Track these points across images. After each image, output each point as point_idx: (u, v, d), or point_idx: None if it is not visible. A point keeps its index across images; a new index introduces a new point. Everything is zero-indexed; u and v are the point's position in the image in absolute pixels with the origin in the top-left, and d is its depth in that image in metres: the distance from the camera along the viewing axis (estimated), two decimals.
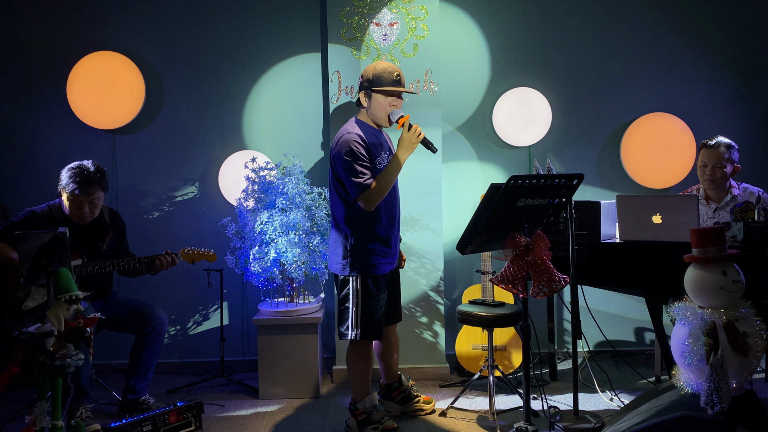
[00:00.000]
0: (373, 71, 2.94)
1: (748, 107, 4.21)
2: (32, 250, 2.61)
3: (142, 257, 3.32)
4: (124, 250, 3.52)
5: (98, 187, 3.24)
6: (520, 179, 2.45)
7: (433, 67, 3.85)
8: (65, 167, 3.23)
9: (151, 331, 3.33)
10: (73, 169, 3.19)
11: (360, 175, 2.84)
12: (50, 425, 2.30)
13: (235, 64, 4.11)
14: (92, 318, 2.41)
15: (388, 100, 2.95)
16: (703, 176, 3.45)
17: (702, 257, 2.27)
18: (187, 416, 2.96)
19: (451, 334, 4.00)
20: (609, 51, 4.19)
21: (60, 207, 3.28)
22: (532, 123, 4.05)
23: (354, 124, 2.99)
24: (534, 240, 2.61)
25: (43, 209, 3.27)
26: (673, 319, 2.36)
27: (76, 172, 3.17)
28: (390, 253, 3.03)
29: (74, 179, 3.16)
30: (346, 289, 2.98)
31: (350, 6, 3.85)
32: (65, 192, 3.20)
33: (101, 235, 3.37)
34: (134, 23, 4.10)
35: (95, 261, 3.26)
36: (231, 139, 4.13)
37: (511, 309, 3.28)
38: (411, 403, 3.30)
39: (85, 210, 3.23)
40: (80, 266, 3.20)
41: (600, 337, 4.06)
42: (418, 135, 2.86)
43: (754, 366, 2.23)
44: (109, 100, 3.98)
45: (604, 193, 4.18)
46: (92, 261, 3.25)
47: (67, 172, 3.20)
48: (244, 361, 4.12)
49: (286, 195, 3.59)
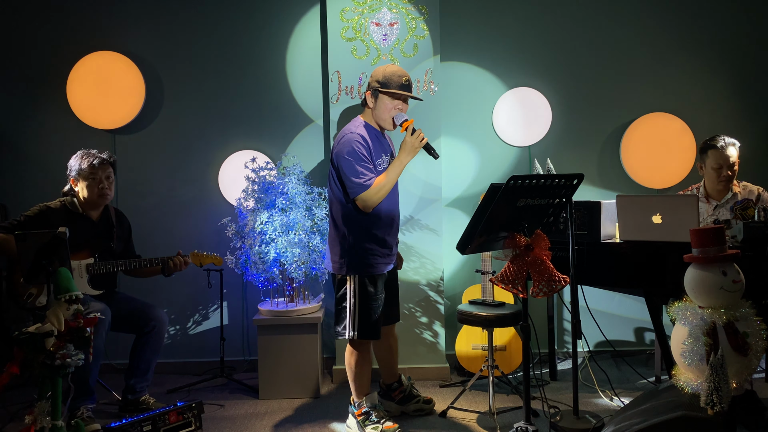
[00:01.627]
0: (383, 73, 2.95)
1: (748, 107, 4.21)
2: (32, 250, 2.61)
3: (153, 258, 3.33)
4: (130, 251, 3.53)
5: (110, 165, 3.34)
6: (520, 179, 2.45)
7: (433, 67, 3.85)
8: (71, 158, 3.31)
9: (152, 330, 3.34)
10: (82, 153, 3.31)
11: (360, 175, 2.84)
12: (50, 425, 2.30)
13: (234, 63, 4.11)
14: (92, 318, 2.41)
15: (394, 103, 2.95)
16: (718, 178, 3.41)
17: (702, 257, 2.27)
18: (187, 416, 2.96)
19: (451, 334, 4.00)
20: (609, 51, 4.19)
21: (73, 202, 3.30)
22: (532, 123, 4.05)
23: (358, 124, 2.99)
24: (534, 240, 2.61)
25: (56, 204, 3.29)
26: (673, 319, 2.36)
27: (85, 154, 3.30)
28: (388, 254, 3.03)
29: (86, 157, 3.28)
30: (344, 289, 2.98)
31: (350, 6, 3.85)
32: (80, 175, 3.27)
33: (110, 233, 3.39)
34: (134, 23, 4.10)
35: (107, 260, 3.28)
36: (231, 139, 4.13)
37: (511, 309, 3.28)
38: (411, 403, 3.30)
39: (104, 186, 3.29)
40: (92, 265, 3.22)
41: (600, 337, 4.06)
42: (421, 140, 2.87)
43: (754, 366, 2.22)
44: (109, 100, 3.98)
45: (604, 193, 4.18)
46: (104, 260, 3.27)
47: (76, 156, 3.31)
48: (244, 361, 4.12)
49: (286, 195, 3.59)
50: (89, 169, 3.25)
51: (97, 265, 3.24)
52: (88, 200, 3.29)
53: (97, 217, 3.37)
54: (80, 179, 3.27)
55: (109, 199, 3.35)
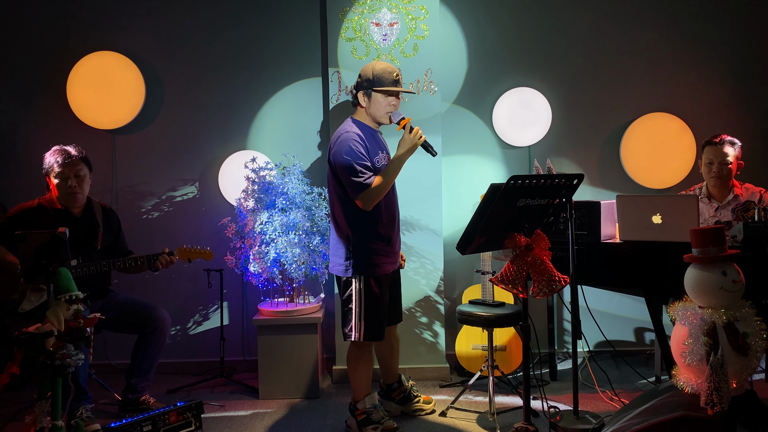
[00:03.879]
0: (372, 71, 2.94)
1: (748, 107, 4.21)
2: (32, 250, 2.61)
3: (138, 256, 3.32)
4: (121, 247, 3.51)
5: (81, 162, 3.30)
6: (520, 179, 2.45)
7: (433, 67, 3.85)
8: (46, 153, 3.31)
9: (154, 330, 3.33)
10: (55, 149, 3.30)
11: (360, 174, 2.83)
12: (50, 425, 2.30)
13: (234, 63, 4.11)
14: (92, 318, 2.41)
15: (387, 100, 2.96)
16: (709, 174, 3.44)
17: (702, 257, 2.27)
18: (187, 416, 2.96)
19: (451, 334, 4.00)
20: (609, 51, 4.18)
21: (51, 199, 3.28)
22: (532, 123, 4.05)
23: (351, 124, 2.99)
24: (534, 240, 2.61)
25: (32, 203, 3.27)
26: (673, 319, 2.36)
27: (57, 150, 3.29)
28: (392, 252, 3.03)
29: (56, 154, 3.27)
30: (349, 290, 2.97)
31: (350, 6, 3.85)
32: (51, 172, 3.25)
33: (93, 233, 3.36)
34: (134, 23, 4.10)
35: (91, 261, 3.25)
36: (231, 139, 4.13)
37: (511, 309, 3.28)
38: (411, 403, 3.30)
39: (73, 183, 3.25)
40: (76, 267, 3.18)
41: (600, 337, 4.06)
42: (419, 137, 2.87)
43: (754, 366, 2.22)
44: (109, 100, 3.98)
45: (604, 193, 4.18)
46: (88, 261, 3.24)
47: (49, 153, 3.30)
48: (244, 361, 4.12)
49: (286, 195, 3.59)
50: (57, 167, 3.22)
51: (80, 266, 3.19)
52: (59, 198, 3.28)
53: (78, 214, 3.33)
54: (51, 176, 3.26)
55: (80, 199, 3.30)
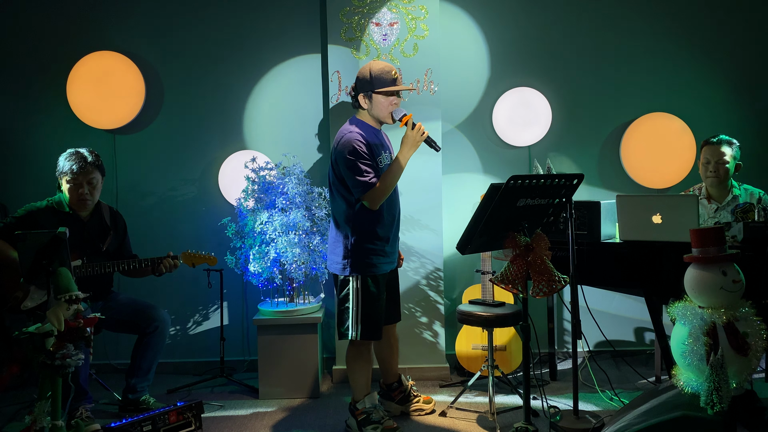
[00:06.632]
0: (370, 72, 2.93)
1: (748, 107, 4.20)
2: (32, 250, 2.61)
3: (143, 260, 3.32)
4: (126, 250, 3.51)
5: (95, 169, 3.29)
6: (520, 179, 2.45)
7: (433, 67, 3.85)
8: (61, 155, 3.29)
9: (154, 331, 3.33)
10: (71, 153, 3.27)
11: (364, 174, 2.83)
12: (50, 425, 2.30)
13: (235, 63, 4.11)
14: (92, 318, 2.41)
15: (389, 100, 2.95)
16: (706, 173, 3.45)
17: (702, 257, 2.27)
18: (187, 416, 2.96)
19: (451, 334, 4.00)
20: (609, 51, 4.18)
21: (60, 201, 3.29)
22: (532, 123, 4.05)
23: (354, 124, 2.99)
24: (534, 240, 2.61)
25: (42, 205, 3.28)
26: (673, 319, 2.36)
27: (73, 154, 3.26)
28: (390, 252, 3.03)
29: (72, 159, 3.24)
30: (346, 289, 2.98)
31: (350, 6, 3.85)
32: (64, 176, 3.24)
33: (102, 235, 3.37)
34: (134, 23, 4.10)
35: (96, 262, 3.25)
36: (231, 139, 4.13)
37: (511, 309, 3.28)
38: (411, 403, 3.30)
39: (84, 191, 3.25)
40: (80, 267, 3.19)
41: (600, 337, 4.06)
42: (422, 134, 2.87)
43: (754, 366, 2.22)
44: (109, 100, 3.98)
45: (604, 193, 4.18)
46: (93, 262, 3.25)
47: (65, 155, 3.27)
48: (244, 361, 4.12)
49: (286, 195, 3.59)
50: (71, 173, 3.21)
51: (84, 267, 3.19)
52: (70, 203, 3.28)
53: (87, 217, 3.34)
54: (63, 180, 3.25)
55: (89, 205, 3.30)
